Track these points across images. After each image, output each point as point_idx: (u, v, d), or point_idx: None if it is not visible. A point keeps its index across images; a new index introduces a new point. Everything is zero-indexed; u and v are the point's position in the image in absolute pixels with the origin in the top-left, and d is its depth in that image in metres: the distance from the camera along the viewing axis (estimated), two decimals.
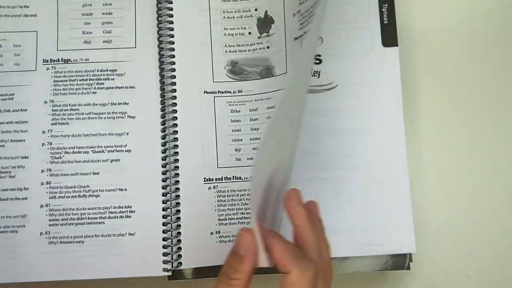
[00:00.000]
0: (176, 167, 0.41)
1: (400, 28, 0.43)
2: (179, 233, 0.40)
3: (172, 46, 0.43)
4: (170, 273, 0.40)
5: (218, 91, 0.43)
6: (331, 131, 0.42)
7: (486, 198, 0.44)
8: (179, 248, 0.40)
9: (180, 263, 0.40)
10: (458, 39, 0.46)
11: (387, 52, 0.43)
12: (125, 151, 0.42)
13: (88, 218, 0.40)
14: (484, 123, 0.45)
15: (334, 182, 0.41)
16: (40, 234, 0.40)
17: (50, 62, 0.43)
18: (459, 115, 0.45)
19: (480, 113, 0.45)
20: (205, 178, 0.41)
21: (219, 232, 0.41)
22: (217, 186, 0.41)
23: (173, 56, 0.43)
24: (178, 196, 0.41)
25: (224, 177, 0.41)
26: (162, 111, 0.42)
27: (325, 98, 0.42)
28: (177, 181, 0.41)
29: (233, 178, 0.41)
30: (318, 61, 0.43)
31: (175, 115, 0.42)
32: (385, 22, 0.43)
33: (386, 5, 0.43)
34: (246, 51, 0.44)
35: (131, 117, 0.42)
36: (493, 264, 0.43)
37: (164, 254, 0.40)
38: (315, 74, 0.43)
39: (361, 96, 0.42)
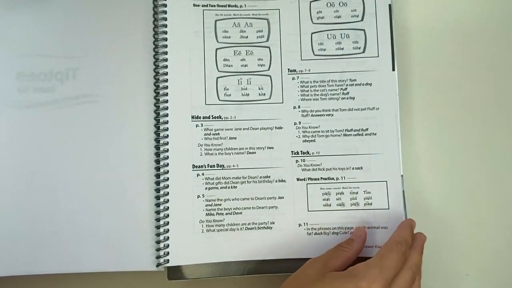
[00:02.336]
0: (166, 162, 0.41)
1: (398, 28, 0.43)
2: (167, 230, 0.40)
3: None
4: (162, 269, 0.40)
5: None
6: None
7: (485, 197, 0.44)
8: (168, 245, 0.40)
9: (167, 260, 0.40)
10: (455, 39, 0.46)
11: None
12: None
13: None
14: (482, 123, 0.45)
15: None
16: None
17: None
18: (455, 115, 0.45)
19: (478, 113, 0.45)
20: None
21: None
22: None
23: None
24: (168, 193, 0.41)
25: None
26: (155, 106, 0.42)
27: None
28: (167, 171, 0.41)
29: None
30: None
31: (166, 104, 0.42)
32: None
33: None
34: None
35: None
36: (493, 264, 0.43)
37: (157, 249, 0.40)
38: None
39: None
